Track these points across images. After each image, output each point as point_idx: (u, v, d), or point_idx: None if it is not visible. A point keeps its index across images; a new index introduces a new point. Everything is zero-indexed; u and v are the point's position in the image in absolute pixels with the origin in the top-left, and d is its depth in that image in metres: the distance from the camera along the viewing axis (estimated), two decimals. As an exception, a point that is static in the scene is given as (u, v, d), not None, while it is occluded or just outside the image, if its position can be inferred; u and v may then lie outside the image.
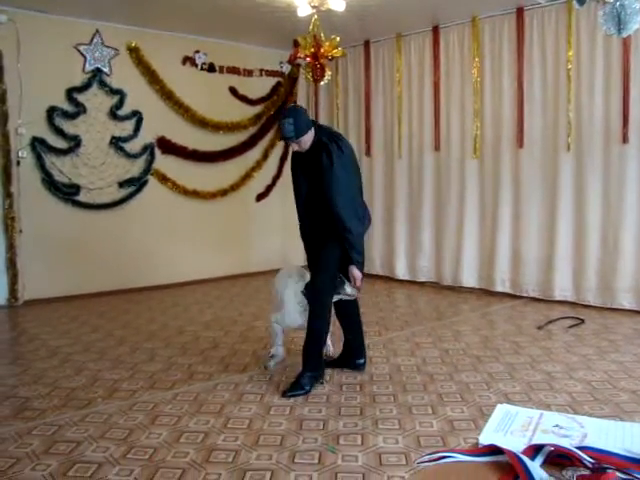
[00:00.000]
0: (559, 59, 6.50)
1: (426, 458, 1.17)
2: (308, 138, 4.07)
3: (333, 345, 4.84)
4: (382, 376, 4.41)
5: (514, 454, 1.12)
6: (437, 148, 7.68)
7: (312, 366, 4.16)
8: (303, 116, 4.08)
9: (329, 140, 4.12)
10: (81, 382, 4.35)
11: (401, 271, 8.20)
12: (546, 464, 1.13)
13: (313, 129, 4.10)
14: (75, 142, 7.15)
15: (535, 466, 1.09)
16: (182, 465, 3.07)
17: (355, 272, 4.19)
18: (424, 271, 7.97)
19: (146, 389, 4.20)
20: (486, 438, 1.27)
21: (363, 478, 2.92)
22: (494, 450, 1.17)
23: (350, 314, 4.57)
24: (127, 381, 4.37)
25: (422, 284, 7.93)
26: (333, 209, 4.07)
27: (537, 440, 1.23)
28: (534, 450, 1.16)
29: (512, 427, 1.31)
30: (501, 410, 1.39)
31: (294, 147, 4.14)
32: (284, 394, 4.04)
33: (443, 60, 7.55)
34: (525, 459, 1.10)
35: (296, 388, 4.07)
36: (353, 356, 4.57)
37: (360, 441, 3.32)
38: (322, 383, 4.23)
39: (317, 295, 4.18)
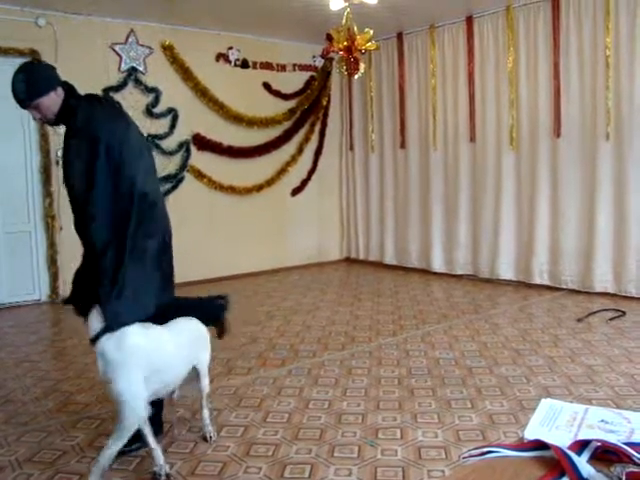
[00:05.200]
0: (597, 45, 6.37)
1: (471, 453, 1.17)
2: (51, 102, 2.96)
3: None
4: (420, 370, 4.40)
5: (560, 449, 1.11)
6: (472, 139, 7.61)
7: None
8: (41, 72, 3.02)
9: (84, 103, 3.04)
10: (122, 377, 4.41)
11: (437, 264, 8.15)
12: (593, 460, 1.11)
13: (60, 91, 2.99)
14: (112, 140, 7.25)
15: (582, 462, 1.08)
16: (223, 459, 3.11)
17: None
18: (461, 264, 7.91)
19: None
20: (531, 433, 1.25)
21: (403, 472, 2.92)
22: (540, 445, 1.16)
23: None
24: (167, 376, 4.42)
25: (459, 277, 7.88)
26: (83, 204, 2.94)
27: (583, 435, 1.22)
28: (580, 446, 1.14)
29: (557, 422, 1.30)
30: (545, 405, 1.37)
31: (35, 116, 3.02)
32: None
33: (477, 50, 7.47)
34: (572, 455, 1.09)
35: None
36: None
37: (399, 435, 3.32)
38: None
39: None
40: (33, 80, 2.92)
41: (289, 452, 3.16)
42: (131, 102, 7.40)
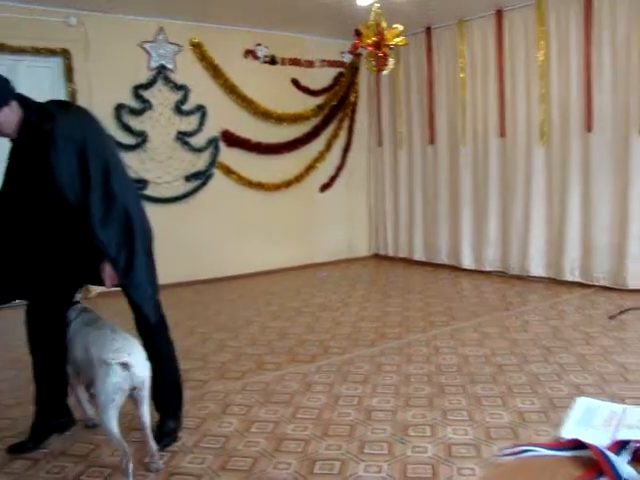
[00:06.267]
0: (630, 38, 6.25)
1: (508, 451, 1.16)
2: (4, 118, 2.92)
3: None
4: (450, 367, 4.37)
5: (599, 449, 1.09)
6: (502, 134, 7.53)
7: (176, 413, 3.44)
8: None
9: (42, 118, 2.97)
10: (153, 372, 4.45)
11: (467, 260, 8.09)
12: (633, 462, 1.09)
13: (15, 105, 2.95)
14: (142, 138, 7.33)
15: (622, 463, 1.06)
16: (253, 454, 3.12)
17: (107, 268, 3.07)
18: (490, 260, 7.84)
19: (217, 379, 4.29)
20: (568, 432, 1.24)
21: (433, 469, 2.90)
22: (577, 445, 1.15)
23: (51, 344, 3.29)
24: (198, 371, 4.46)
25: (488, 273, 7.80)
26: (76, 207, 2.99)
27: (621, 436, 1.20)
28: (619, 446, 1.12)
29: (594, 421, 1.28)
30: (582, 403, 1.36)
31: None
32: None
33: (507, 44, 7.38)
34: (611, 455, 1.08)
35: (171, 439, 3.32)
36: (51, 415, 3.36)
37: (429, 432, 3.31)
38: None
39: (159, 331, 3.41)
40: None
41: (319, 448, 3.16)
42: (160, 100, 7.48)
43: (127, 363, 2.86)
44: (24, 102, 3.01)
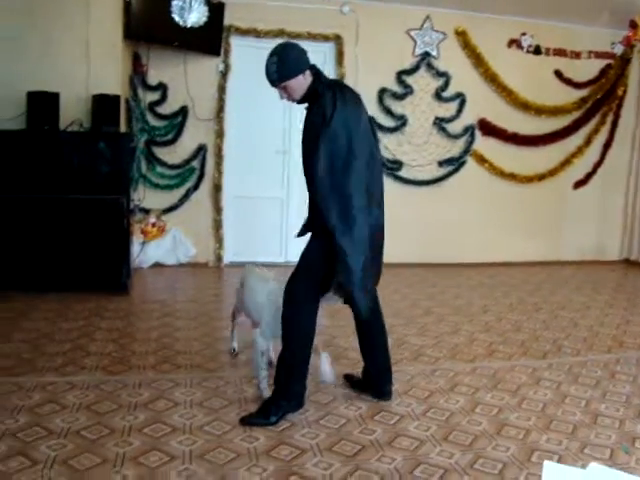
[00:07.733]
0: None
1: None
2: (298, 85, 3.21)
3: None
4: (693, 386, 4.14)
5: None
6: None
7: (282, 394, 3.39)
8: (293, 55, 3.20)
9: (326, 89, 3.20)
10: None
11: None
12: None
13: (308, 74, 3.22)
14: (402, 121, 7.71)
15: None
16: (474, 432, 3.31)
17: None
18: None
19: (448, 358, 4.52)
20: None
21: (659, 486, 2.85)
22: None
23: (368, 331, 3.66)
24: (431, 348, 4.73)
25: None
26: (313, 191, 3.23)
27: None
28: None
29: None
30: None
31: (282, 95, 3.28)
32: (242, 421, 3.33)
33: None
34: None
35: (259, 415, 3.36)
36: (374, 383, 3.76)
37: (658, 448, 3.23)
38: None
39: (287, 307, 3.38)
40: (284, 63, 3.15)
41: (539, 439, 3.25)
42: (422, 85, 7.79)
43: None
44: (315, 72, 3.29)
